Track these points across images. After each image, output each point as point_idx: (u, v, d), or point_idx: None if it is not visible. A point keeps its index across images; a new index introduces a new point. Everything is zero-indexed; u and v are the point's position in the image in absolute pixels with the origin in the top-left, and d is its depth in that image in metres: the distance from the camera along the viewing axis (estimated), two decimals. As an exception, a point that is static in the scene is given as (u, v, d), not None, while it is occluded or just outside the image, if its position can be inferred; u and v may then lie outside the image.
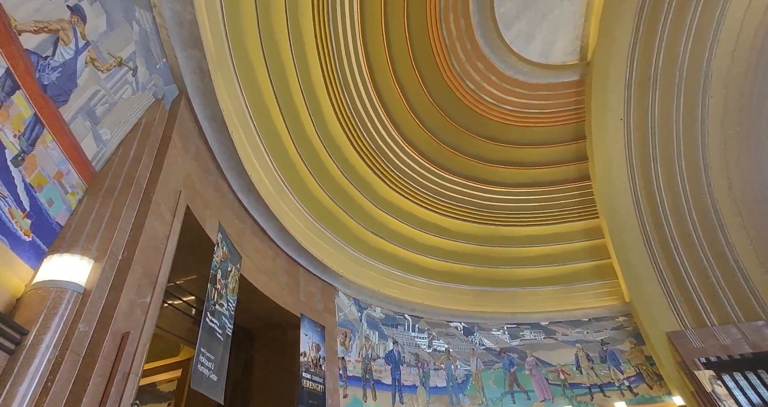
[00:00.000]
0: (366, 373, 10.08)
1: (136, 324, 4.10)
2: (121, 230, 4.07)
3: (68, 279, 3.27)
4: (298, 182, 9.48)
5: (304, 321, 8.35)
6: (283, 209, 8.76)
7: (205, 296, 5.52)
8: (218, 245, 6.12)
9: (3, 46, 2.77)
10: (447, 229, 13.19)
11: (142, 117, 4.80)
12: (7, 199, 2.84)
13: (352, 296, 10.92)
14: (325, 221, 10.35)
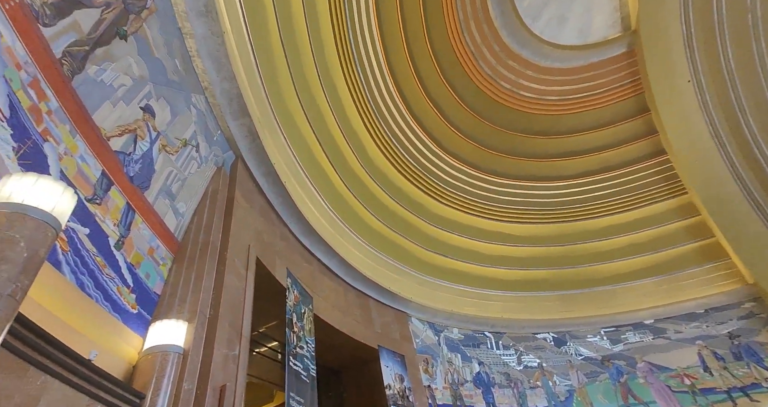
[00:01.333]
0: (456, 400, 9.55)
1: (230, 376, 4.39)
2: (205, 290, 4.48)
3: (170, 342, 3.64)
4: (353, 217, 9.76)
5: (383, 352, 8.30)
6: (343, 245, 9.03)
7: (286, 341, 5.78)
8: (289, 290, 6.44)
9: (98, 153, 3.33)
10: (513, 235, 12.48)
11: (209, 185, 5.38)
12: (114, 279, 3.30)
13: (426, 321, 10.65)
14: (386, 249, 10.43)
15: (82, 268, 2.92)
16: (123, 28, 3.80)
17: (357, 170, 9.95)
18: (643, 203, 12.32)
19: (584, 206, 12.71)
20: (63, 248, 2.79)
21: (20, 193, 2.29)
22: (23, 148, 2.59)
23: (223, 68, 5.39)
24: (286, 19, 7.10)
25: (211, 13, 5.02)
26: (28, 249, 2.21)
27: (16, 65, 2.65)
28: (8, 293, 2.06)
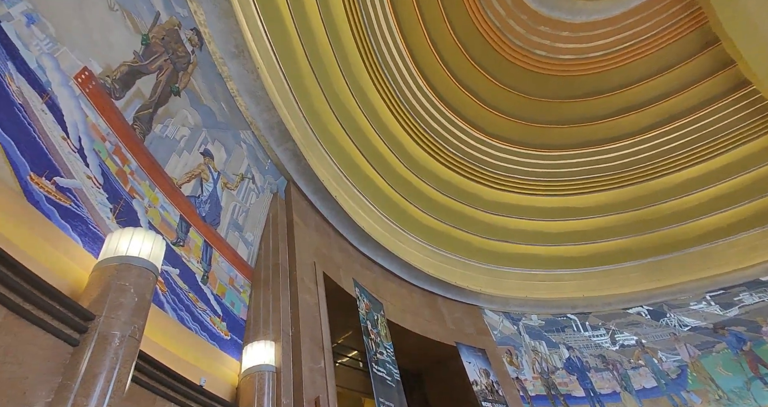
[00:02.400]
0: (549, 389, 9.05)
1: (321, 389, 4.62)
2: (283, 310, 4.78)
3: (263, 362, 3.93)
4: (407, 218, 9.80)
5: (461, 348, 8.19)
6: (402, 247, 9.10)
7: (365, 348, 5.95)
8: (359, 299, 6.62)
9: (174, 200, 3.73)
10: (578, 208, 11.59)
11: (269, 212, 5.74)
12: (207, 311, 3.66)
13: (500, 311, 10.31)
14: (445, 245, 10.33)
15: (179, 305, 3.28)
16: (175, 85, 4.22)
17: (402, 172, 10.00)
18: (728, 146, 10.75)
19: (655, 163, 11.41)
20: (162, 290, 3.16)
21: (123, 246, 2.63)
22: (117, 208, 2.98)
23: (261, 101, 5.74)
24: (310, 41, 7.38)
25: (243, 53, 5.38)
26: (137, 294, 2.53)
27: (101, 138, 3.06)
28: (129, 334, 2.37)
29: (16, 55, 2.58)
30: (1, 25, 2.56)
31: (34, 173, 2.38)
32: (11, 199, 2.17)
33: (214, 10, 4.99)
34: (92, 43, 3.27)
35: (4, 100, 2.36)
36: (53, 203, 2.43)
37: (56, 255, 2.30)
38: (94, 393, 1.99)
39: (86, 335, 2.11)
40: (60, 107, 2.77)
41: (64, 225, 2.46)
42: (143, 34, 3.95)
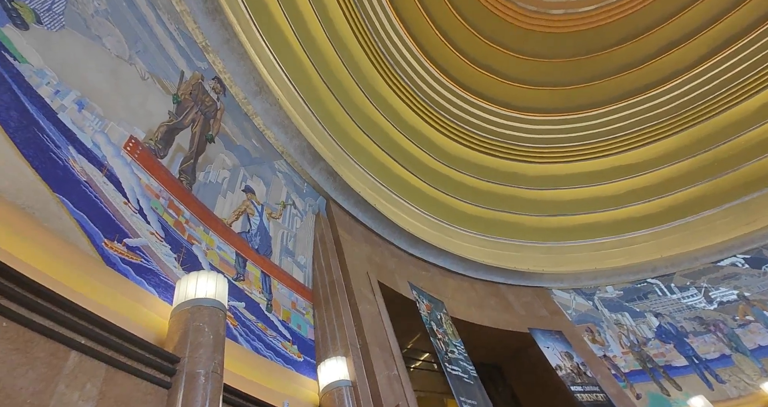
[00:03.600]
0: (645, 362, 8.28)
1: (399, 395, 4.66)
2: (347, 325, 4.90)
3: (339, 378, 4.06)
4: (451, 212, 9.66)
5: (536, 333, 7.84)
6: (453, 242, 8.97)
7: (435, 349, 5.92)
8: (418, 301, 6.61)
9: (228, 239, 4.01)
10: (635, 164, 10.52)
11: (315, 233, 5.95)
12: (277, 337, 3.87)
13: (570, 288, 9.72)
14: (497, 231, 10.01)
15: (251, 336, 3.51)
16: (209, 133, 4.56)
17: (437, 167, 9.88)
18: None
19: (717, 97, 10.06)
20: (233, 324, 3.40)
21: (191, 290, 2.87)
22: (181, 256, 3.27)
23: (288, 129, 6.00)
24: (320, 61, 7.58)
25: (263, 89, 5.67)
26: (212, 332, 2.74)
27: (155, 196, 3.39)
28: (212, 370, 2.57)
29: (74, 139, 2.94)
30: (59, 116, 2.93)
31: (107, 239, 2.69)
32: (93, 265, 2.47)
33: (230, 56, 5.32)
34: (133, 113, 3.63)
35: (72, 181, 2.69)
36: (127, 263, 2.73)
37: (138, 308, 2.57)
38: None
39: (176, 376, 2.33)
40: (117, 175, 3.11)
41: (140, 280, 2.75)
42: (173, 94, 4.32)
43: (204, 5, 4.95)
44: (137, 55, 4.00)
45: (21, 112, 2.62)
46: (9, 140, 2.41)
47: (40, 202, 2.36)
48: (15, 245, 1.97)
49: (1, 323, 1.55)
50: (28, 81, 2.79)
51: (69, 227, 2.46)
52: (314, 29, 7.49)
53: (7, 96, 2.58)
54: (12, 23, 2.88)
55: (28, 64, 2.86)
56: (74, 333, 1.88)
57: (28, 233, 2.14)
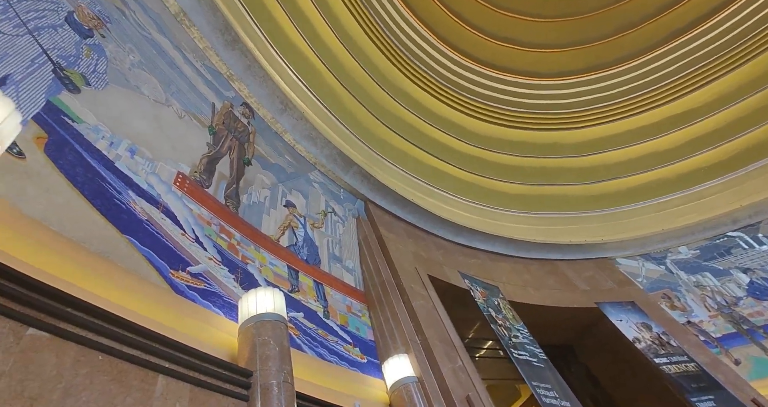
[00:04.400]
0: (740, 324, 7.45)
1: (468, 386, 4.63)
2: (404, 322, 4.96)
3: (404, 375, 4.13)
4: (491, 194, 9.38)
5: (605, 307, 7.39)
6: (498, 225, 8.73)
7: (497, 336, 5.82)
8: (472, 289, 6.52)
9: (278, 255, 4.24)
10: (689, 111, 9.45)
11: (358, 236, 6.08)
12: (338, 342, 4.03)
13: (636, 255, 9.01)
14: (543, 206, 9.56)
15: (314, 343, 3.69)
16: (245, 157, 4.84)
17: (470, 151, 9.65)
18: None
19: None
20: (295, 334, 3.59)
21: (253, 307, 3.07)
22: (238, 276, 3.52)
23: (317, 140, 6.17)
24: (336, 65, 7.70)
25: (288, 105, 5.88)
26: (277, 345, 2.91)
27: (207, 223, 3.66)
28: (283, 380, 2.74)
29: (131, 183, 3.26)
30: (116, 164, 3.26)
31: (172, 269, 2.96)
32: (164, 295, 2.73)
33: (253, 81, 5.58)
34: (177, 150, 3.95)
35: (135, 221, 2.99)
36: (193, 289, 2.99)
37: (209, 330, 2.81)
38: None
39: (252, 389, 2.51)
40: (172, 210, 3.40)
41: (206, 304, 3.00)
42: (209, 126, 4.62)
43: (223, 38, 5.23)
44: (172, 96, 4.33)
45: (85, 167, 2.95)
46: (79, 193, 2.73)
47: (112, 245, 2.65)
48: (99, 286, 2.24)
49: (98, 357, 1.79)
50: (86, 138, 3.13)
51: (140, 264, 2.74)
52: (328, 39, 7.62)
53: (71, 155, 2.92)
54: (66, 89, 3.24)
55: (85, 123, 3.21)
56: (159, 359, 2.10)
57: (108, 274, 2.42)
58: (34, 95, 2.95)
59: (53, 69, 3.17)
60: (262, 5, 6.42)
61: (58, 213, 2.44)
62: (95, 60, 3.62)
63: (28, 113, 2.74)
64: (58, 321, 1.74)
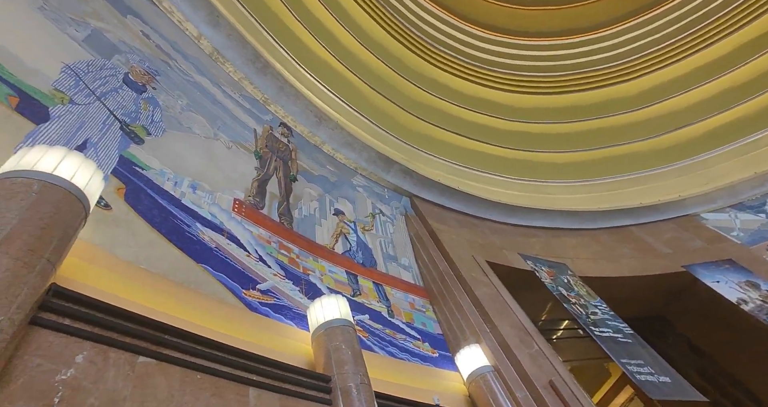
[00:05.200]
0: None
1: (549, 371, 4.48)
2: (470, 312, 4.92)
3: (479, 366, 4.12)
4: (541, 168, 8.93)
5: (695, 270, 6.68)
6: (553, 198, 8.29)
7: (573, 315, 5.54)
8: (536, 270, 6.27)
9: (336, 262, 4.44)
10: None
11: (410, 232, 6.13)
12: (407, 339, 4.12)
13: (726, 207, 7.98)
14: (601, 172, 8.89)
15: (384, 343, 3.81)
16: (291, 174, 5.11)
17: (510, 127, 9.27)
18: None
19: None
20: (364, 336, 3.74)
21: (320, 316, 3.25)
22: (303, 287, 3.75)
23: (355, 145, 6.32)
24: (361, 68, 7.78)
25: (322, 117, 6.09)
26: (349, 348, 3.06)
27: (267, 242, 3.95)
28: (360, 382, 2.87)
29: (197, 216, 3.61)
30: (183, 201, 3.64)
31: (244, 289, 3.24)
32: (241, 313, 3.01)
33: (287, 100, 5.87)
34: (231, 179, 4.29)
35: (206, 249, 3.32)
36: (265, 305, 3.25)
37: (286, 341, 3.04)
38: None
39: (333, 394, 2.68)
40: (235, 235, 3.71)
41: (279, 317, 3.25)
42: (254, 151, 4.96)
43: (254, 67, 5.56)
44: (219, 130, 4.71)
45: (159, 208, 3.33)
46: (158, 232, 3.10)
47: (192, 274, 2.98)
48: (186, 312, 2.54)
49: (197, 376, 2.04)
50: (155, 183, 3.53)
51: (216, 288, 3.05)
52: (348, 43, 7.74)
53: (146, 200, 3.31)
54: (133, 142, 3.67)
55: (152, 169, 3.61)
56: (248, 373, 2.33)
57: (192, 300, 2.73)
58: (110, 152, 3.38)
59: (120, 127, 3.61)
60: (284, 27, 6.71)
61: (145, 253, 2.79)
62: (151, 111, 4.05)
63: (107, 169, 3.16)
64: (161, 348, 2.01)
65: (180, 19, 5.04)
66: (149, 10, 4.78)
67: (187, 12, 5.03)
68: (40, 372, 1.56)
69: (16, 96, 2.75)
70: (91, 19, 3.93)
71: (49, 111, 2.96)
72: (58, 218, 1.87)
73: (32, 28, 3.27)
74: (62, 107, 3.09)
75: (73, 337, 1.73)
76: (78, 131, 3.14)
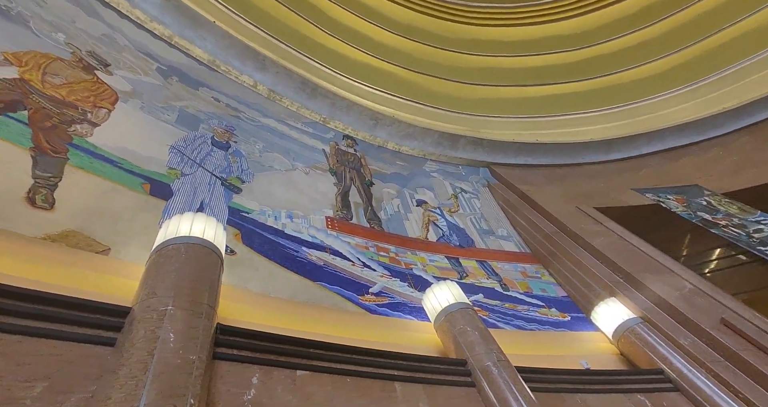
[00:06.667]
0: None
1: (715, 308, 3.85)
2: (591, 265, 4.51)
3: (623, 319, 3.77)
4: (620, 90, 7.69)
5: None
6: (652, 119, 7.08)
7: (728, 240, 4.72)
8: (661, 202, 5.47)
9: (433, 250, 4.50)
10: None
11: (498, 202, 5.86)
12: (530, 310, 3.97)
13: None
14: (704, 70, 7.25)
15: (507, 317, 3.74)
16: (366, 180, 5.35)
17: (573, 57, 8.13)
18: None
19: None
20: (485, 315, 3.72)
21: (435, 303, 3.33)
22: (410, 281, 3.89)
23: (417, 135, 6.32)
24: (398, 56, 7.68)
25: (378, 118, 6.25)
26: (475, 329, 3.06)
27: (365, 248, 4.20)
28: (497, 360, 2.85)
29: (301, 241, 4.02)
30: (286, 231, 4.08)
31: (359, 295, 3.51)
32: (364, 318, 3.26)
33: (341, 113, 6.15)
34: (317, 200, 4.67)
35: (316, 268, 3.68)
36: (382, 305, 3.47)
37: (410, 335, 3.20)
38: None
39: (474, 375, 2.73)
40: (336, 249, 4.03)
41: (398, 314, 3.43)
42: (329, 169, 5.32)
43: (305, 93, 5.96)
44: (295, 160, 5.17)
45: (269, 242, 3.79)
46: (275, 263, 3.54)
47: (311, 292, 3.33)
48: (318, 326, 2.87)
49: (346, 380, 2.29)
50: (260, 221, 4.03)
51: (336, 300, 3.36)
52: (380, 37, 7.73)
53: (258, 238, 3.80)
54: (234, 193, 4.25)
55: (254, 211, 4.13)
56: (389, 370, 2.52)
57: (319, 315, 3.06)
58: (221, 207, 3.96)
59: (221, 183, 4.20)
60: (317, 44, 7.02)
61: (269, 283, 3.22)
62: (239, 162, 4.63)
63: (224, 221, 3.72)
64: (312, 361, 2.31)
65: (236, 75, 5.65)
66: (211, 76, 5.47)
67: (239, 67, 5.61)
68: (232, 395, 1.93)
69: (147, 183, 3.42)
70: (173, 101, 4.66)
71: (171, 187, 3.59)
72: (204, 270, 2.29)
73: (140, 126, 4.01)
74: (178, 180, 3.73)
75: (244, 364, 2.10)
76: (194, 196, 3.76)
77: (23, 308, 1.73)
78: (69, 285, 2.11)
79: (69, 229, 2.60)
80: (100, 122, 3.61)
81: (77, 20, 4.40)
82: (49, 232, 2.50)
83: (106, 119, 3.69)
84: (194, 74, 5.20)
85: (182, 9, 5.15)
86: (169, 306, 1.93)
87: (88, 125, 3.50)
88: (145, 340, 1.75)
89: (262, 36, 6.26)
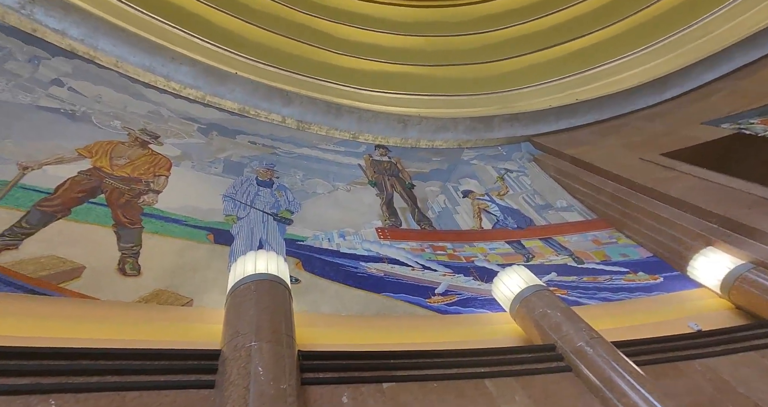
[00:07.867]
0: None
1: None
2: (676, 217, 4.05)
3: (730, 268, 3.34)
4: (651, 27, 6.84)
5: None
6: (703, 44, 6.22)
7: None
8: (742, 128, 4.80)
9: (491, 238, 4.35)
10: None
11: (549, 173, 5.52)
12: (613, 279, 3.66)
13: None
14: None
15: (588, 292, 3.48)
16: (407, 183, 5.37)
17: (606, 5, 7.48)
18: None
19: None
20: (563, 293, 3.48)
21: (507, 292, 3.19)
22: (473, 274, 3.79)
23: (449, 125, 6.29)
24: (415, 55, 7.64)
25: (405, 120, 6.28)
26: (557, 310, 2.88)
27: (421, 251, 4.18)
28: (589, 338, 2.64)
29: (357, 257, 4.10)
30: (341, 251, 4.20)
31: (426, 298, 3.48)
32: (436, 320, 3.23)
33: (368, 124, 6.28)
34: (363, 214, 4.76)
35: (378, 280, 3.72)
36: (451, 304, 3.41)
37: (488, 328, 3.10)
38: (627, 389, 2.26)
39: (567, 359, 2.56)
40: (393, 257, 4.06)
41: (470, 310, 3.34)
42: (368, 181, 5.42)
43: (331, 115, 6.18)
44: (335, 180, 5.34)
45: (329, 264, 3.92)
46: (338, 283, 3.64)
47: (379, 304, 3.38)
48: (391, 336, 2.89)
49: (433, 384, 2.26)
50: (316, 246, 4.19)
51: (404, 307, 3.36)
52: (386, 42, 7.78)
53: (317, 262, 3.95)
54: (286, 225, 4.48)
55: (308, 237, 4.31)
56: (477, 367, 2.45)
57: (391, 324, 3.09)
58: (278, 240, 4.19)
59: (273, 218, 4.45)
60: (333, 67, 7.24)
61: (338, 303, 3.32)
62: (285, 195, 4.88)
63: (283, 253, 3.92)
64: (395, 372, 2.33)
65: (266, 115, 6.02)
66: (244, 121, 5.88)
67: (267, 107, 5.98)
68: (327, 416, 2.00)
69: (211, 233, 3.73)
70: (217, 154, 5.07)
71: (231, 232, 3.88)
72: (275, 302, 2.43)
73: (195, 183, 4.41)
74: (236, 225, 4.01)
75: (331, 385, 2.17)
76: (252, 235, 4.02)
77: (135, 366, 1.96)
78: (167, 338, 2.35)
79: (157, 288, 2.92)
80: (162, 189, 4.04)
81: (128, 105, 5.00)
82: (142, 294, 2.82)
83: (166, 185, 4.12)
84: (230, 125, 5.62)
85: (208, 70, 5.64)
86: (252, 342, 2.07)
87: (153, 194, 3.93)
88: (240, 376, 1.89)
89: (281, 73, 6.62)
